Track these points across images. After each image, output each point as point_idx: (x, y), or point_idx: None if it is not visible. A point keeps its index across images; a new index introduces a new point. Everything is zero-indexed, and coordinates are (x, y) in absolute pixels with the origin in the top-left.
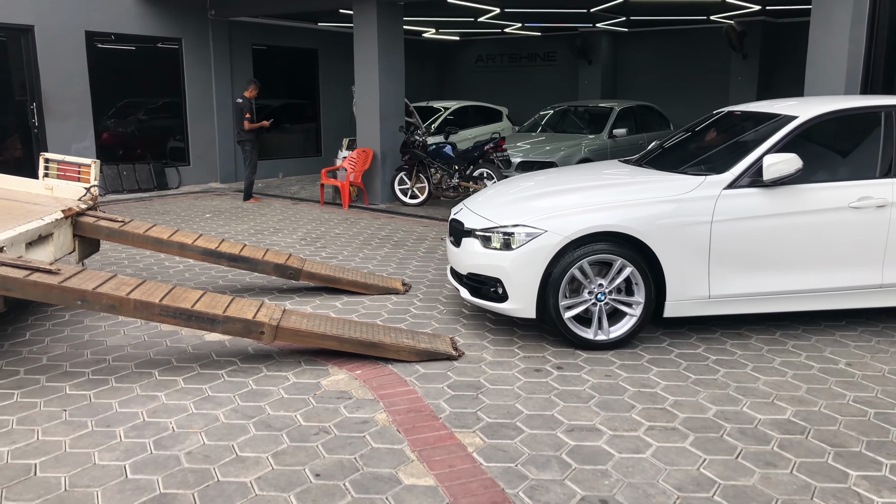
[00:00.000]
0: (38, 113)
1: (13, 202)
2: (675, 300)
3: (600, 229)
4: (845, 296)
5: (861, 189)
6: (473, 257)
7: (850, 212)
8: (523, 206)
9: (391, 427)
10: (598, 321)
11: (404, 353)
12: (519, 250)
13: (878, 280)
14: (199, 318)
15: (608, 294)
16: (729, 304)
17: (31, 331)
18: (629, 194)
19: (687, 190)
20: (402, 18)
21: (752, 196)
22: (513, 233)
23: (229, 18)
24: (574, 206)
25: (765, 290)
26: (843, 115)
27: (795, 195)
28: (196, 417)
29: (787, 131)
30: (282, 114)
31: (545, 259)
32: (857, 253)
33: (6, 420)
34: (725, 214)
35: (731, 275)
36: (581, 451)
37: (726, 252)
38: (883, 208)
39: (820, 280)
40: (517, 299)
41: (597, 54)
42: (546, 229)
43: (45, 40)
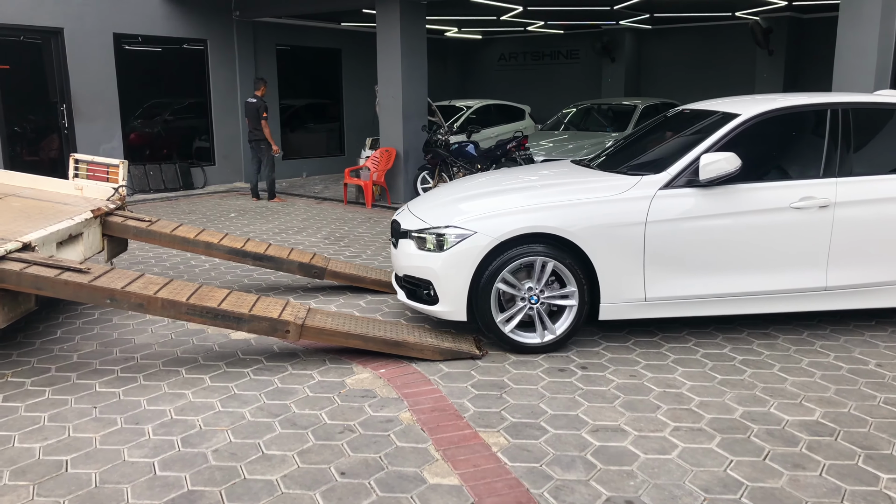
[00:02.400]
0: (67, 114)
1: (45, 202)
2: (610, 302)
3: (530, 230)
4: (789, 299)
5: (803, 189)
6: (409, 259)
7: (792, 212)
8: (457, 207)
9: (415, 426)
10: (542, 322)
11: (428, 352)
12: (448, 252)
13: (822, 283)
14: (226, 316)
15: (541, 294)
16: (667, 307)
17: (61, 329)
18: (562, 195)
19: (621, 191)
20: (424, 18)
21: (688, 196)
22: (444, 234)
23: (254, 19)
24: (506, 207)
25: (704, 292)
26: (788, 114)
27: (734, 195)
28: (223, 415)
29: (727, 130)
30: (305, 113)
31: (474, 261)
32: (799, 255)
33: (38, 417)
34: (660, 215)
35: (668, 277)
36: (606, 451)
37: (662, 254)
38: (826, 209)
39: (762, 283)
40: (447, 302)
41: (620, 52)
42: (475, 230)
43: (75, 43)
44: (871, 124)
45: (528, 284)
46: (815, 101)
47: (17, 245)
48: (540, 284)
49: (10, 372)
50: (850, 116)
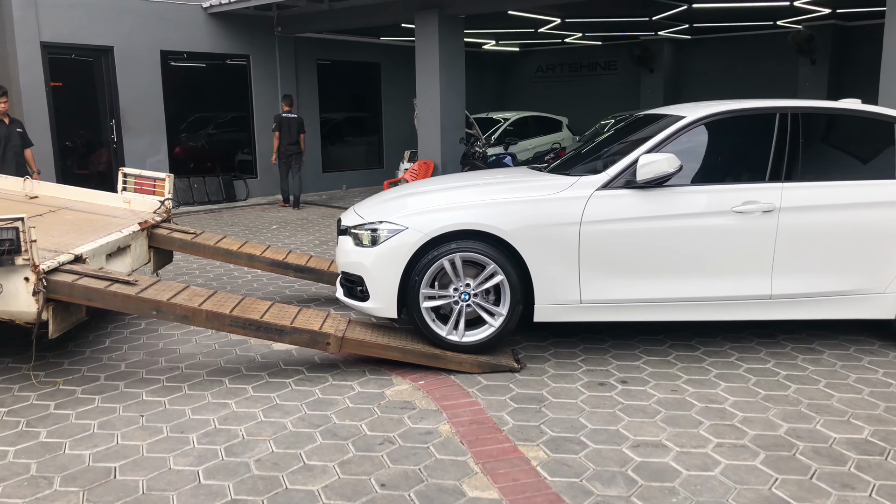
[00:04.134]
0: (116, 129)
1: (95, 215)
2: (544, 304)
3: (461, 227)
4: (732, 306)
5: (746, 193)
6: (345, 255)
7: (734, 216)
8: (394, 203)
9: (454, 438)
10: (456, 322)
11: (466, 364)
12: (380, 247)
13: (766, 290)
14: (268, 328)
15: (473, 296)
16: (604, 311)
17: (110, 338)
18: (500, 194)
19: (558, 190)
20: (462, 31)
21: (625, 197)
22: (377, 229)
23: (295, 35)
24: (441, 203)
25: (643, 296)
26: (735, 117)
27: (673, 197)
28: (265, 425)
29: (671, 132)
30: (345, 127)
31: (405, 256)
32: (742, 261)
33: (88, 424)
34: (596, 216)
35: (605, 280)
36: (647, 467)
37: (597, 255)
38: (770, 213)
39: (703, 289)
40: (377, 298)
41: (659, 62)
42: (407, 226)
43: (124, 60)
44: (822, 131)
45: (467, 280)
46: (764, 106)
47: (69, 257)
48: (479, 288)
49: (61, 380)
50: (800, 122)
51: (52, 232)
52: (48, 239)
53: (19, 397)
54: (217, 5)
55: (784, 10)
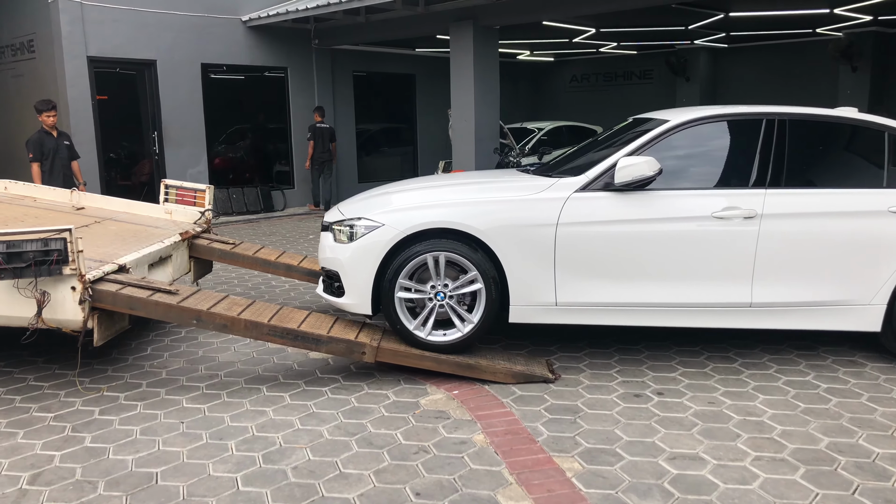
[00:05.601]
0: (158, 141)
1: (138, 226)
2: (520, 305)
3: (435, 225)
4: (712, 313)
5: (727, 198)
6: (325, 251)
7: (714, 222)
8: (375, 201)
9: (489, 448)
10: (426, 319)
11: (500, 374)
12: (356, 243)
13: (746, 298)
14: (305, 338)
15: (448, 297)
16: (579, 314)
17: (152, 346)
18: (478, 193)
19: (535, 191)
20: (497, 42)
21: (603, 200)
22: (354, 226)
23: (332, 47)
24: (420, 202)
25: (619, 300)
26: (720, 122)
27: (653, 201)
28: (302, 433)
29: (653, 136)
30: (380, 137)
31: (380, 253)
32: (722, 267)
33: (131, 430)
34: (572, 218)
35: (581, 282)
36: (684, 480)
37: (574, 258)
38: (751, 220)
39: (681, 294)
40: (352, 294)
41: (695, 71)
42: (384, 223)
43: (166, 73)
44: (810, 138)
45: (445, 281)
46: (750, 112)
47: (113, 267)
48: (456, 291)
49: (105, 386)
50: (786, 129)
51: (97, 242)
52: (94, 249)
53: (65, 402)
54: (256, 19)
55: (824, 17)
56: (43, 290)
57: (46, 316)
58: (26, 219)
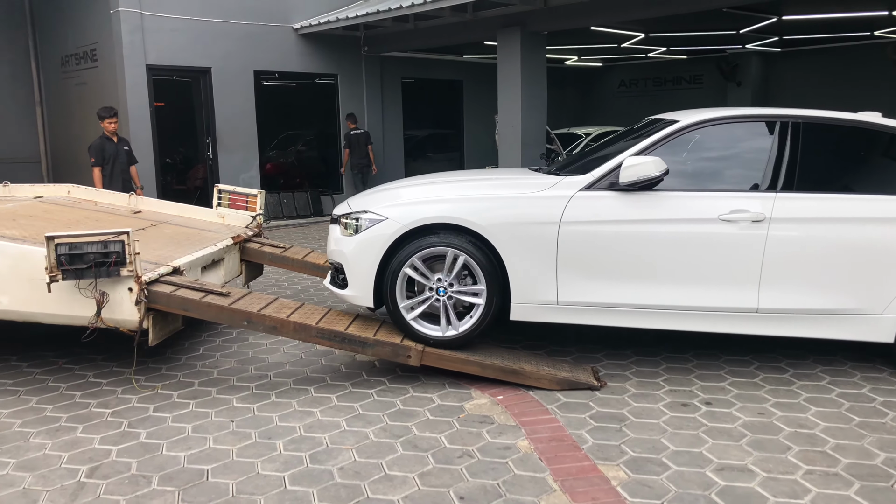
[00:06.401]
0: (212, 146)
1: (191, 229)
2: (521, 302)
3: (439, 220)
4: (717, 318)
5: (735, 201)
6: (331, 243)
7: (721, 224)
8: (383, 194)
9: (533, 455)
10: (447, 316)
11: (545, 381)
12: (359, 236)
13: (753, 304)
14: (352, 340)
15: (450, 287)
16: (581, 314)
17: (204, 346)
18: (484, 190)
19: (540, 189)
20: (545, 48)
21: (608, 199)
22: (359, 219)
23: (381, 54)
24: (426, 196)
25: (621, 301)
26: (732, 124)
27: (658, 201)
28: (348, 434)
29: (661, 136)
30: (427, 143)
31: (382, 246)
32: (728, 271)
33: (183, 427)
34: (576, 217)
35: (583, 282)
36: (732, 492)
37: (576, 257)
38: (759, 223)
39: (686, 297)
40: (355, 286)
41: (746, 76)
42: (387, 217)
43: (220, 80)
44: (826, 142)
45: (437, 276)
46: (764, 114)
47: (168, 269)
48: (450, 277)
49: (159, 385)
50: (800, 131)
51: (153, 245)
52: (150, 251)
53: (122, 399)
54: (307, 26)
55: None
56: (102, 290)
57: (105, 315)
58: (87, 222)
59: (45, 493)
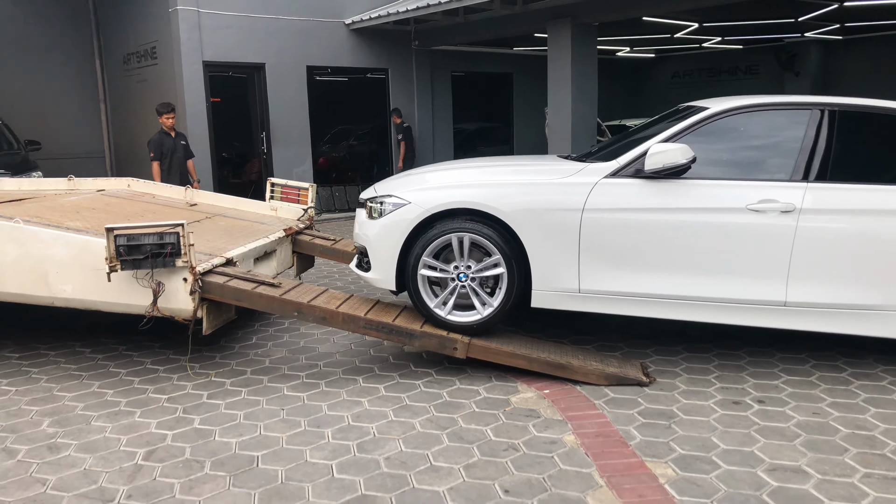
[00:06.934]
0: (266, 141)
1: (245, 222)
2: (542, 289)
3: (461, 205)
4: (742, 310)
5: (764, 191)
6: (357, 226)
7: (749, 214)
8: (409, 179)
9: (579, 450)
10: (446, 299)
11: (592, 376)
12: (383, 220)
13: (781, 297)
14: (399, 332)
15: (470, 277)
16: (603, 302)
17: (257, 335)
18: (507, 175)
19: (563, 175)
20: (596, 39)
21: (633, 187)
22: (383, 202)
23: (431, 48)
24: (450, 181)
25: (644, 291)
26: (763, 111)
27: (684, 190)
28: (395, 425)
29: (690, 123)
30: (477, 137)
31: (405, 231)
32: (755, 263)
33: (235, 414)
34: (600, 204)
35: (605, 270)
36: (785, 493)
37: (599, 245)
38: (789, 214)
39: (711, 289)
40: (378, 269)
41: (805, 65)
42: (410, 201)
43: (274, 76)
44: (864, 131)
45: (454, 265)
46: (798, 101)
47: (221, 260)
48: (464, 260)
49: (213, 372)
50: (836, 119)
51: (207, 237)
52: (204, 243)
53: (178, 386)
54: (358, 21)
55: None
56: (158, 280)
57: (161, 305)
58: (146, 214)
59: (104, 475)
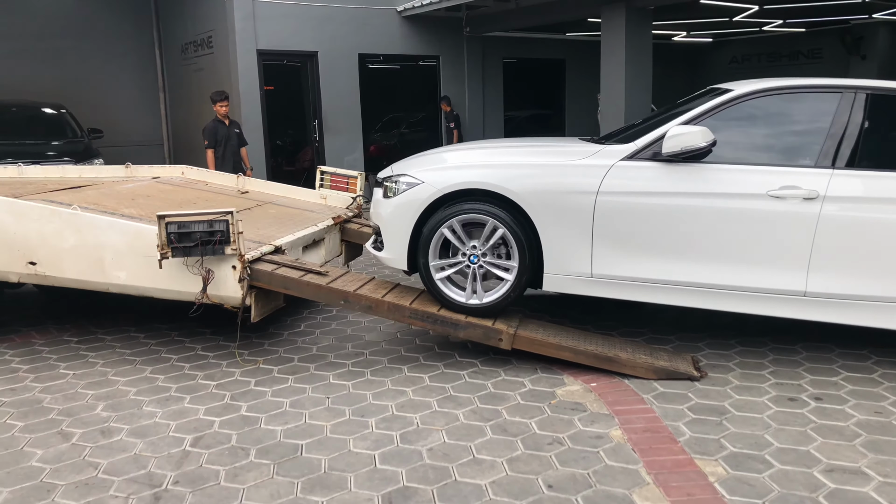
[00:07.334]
0: (319, 129)
1: (294, 210)
2: (554, 273)
3: (474, 186)
4: (759, 299)
5: (786, 177)
6: (373, 206)
7: (770, 201)
8: (425, 158)
9: (626, 445)
10: (473, 285)
11: (641, 369)
12: (396, 199)
13: (801, 286)
14: (444, 322)
15: (482, 256)
16: (616, 288)
17: (305, 323)
18: (524, 157)
19: (579, 157)
20: (651, 23)
21: (649, 170)
22: (397, 181)
23: (482, 34)
24: (464, 161)
25: (658, 278)
26: (790, 94)
27: (703, 174)
28: (438, 415)
29: (712, 105)
30: (528, 124)
31: (417, 210)
32: (774, 251)
33: (281, 402)
34: (615, 187)
35: (619, 255)
36: (843, 495)
37: (613, 229)
38: (812, 201)
39: (727, 276)
40: (390, 248)
41: (872, 48)
42: (423, 180)
43: (327, 64)
44: (893, 115)
45: (473, 243)
46: (827, 84)
47: (270, 248)
48: (485, 247)
49: (261, 359)
50: (867, 104)
51: (257, 224)
52: (254, 231)
53: (226, 372)
54: (410, 8)
55: None
56: (208, 268)
57: (210, 292)
58: (198, 201)
59: (153, 460)
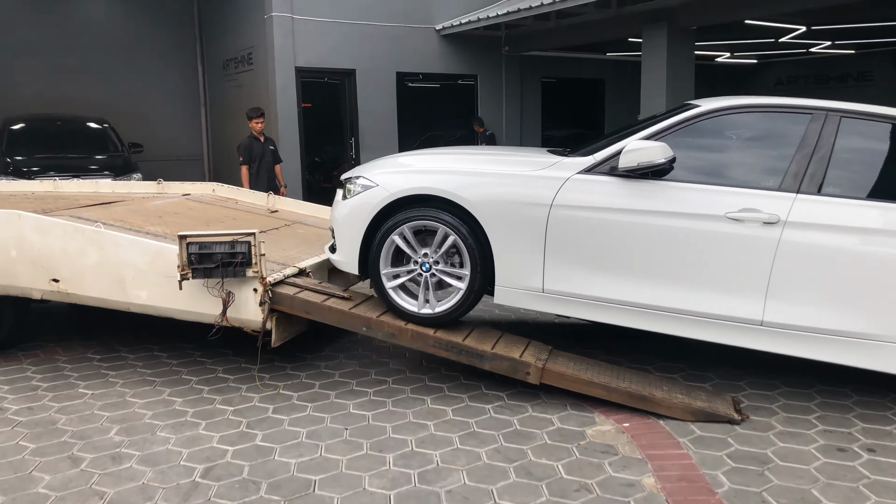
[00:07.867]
0: (355, 146)
1: (324, 230)
2: (505, 286)
3: (427, 192)
4: (714, 326)
5: (747, 199)
6: (333, 206)
7: (727, 223)
8: (383, 161)
9: (659, 495)
10: (426, 294)
11: (677, 410)
12: (350, 201)
13: (758, 315)
14: (469, 352)
15: (435, 264)
16: (567, 305)
17: (330, 346)
18: (480, 165)
19: (536, 168)
20: (693, 44)
21: (605, 185)
22: (354, 183)
23: (521, 54)
24: (421, 166)
25: (610, 296)
26: (758, 113)
27: (659, 191)
28: (460, 453)
29: (675, 121)
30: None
31: (370, 213)
32: (731, 276)
33: (298, 432)
34: (569, 201)
35: (571, 271)
36: None
37: (565, 244)
38: (772, 226)
39: (681, 300)
40: (343, 251)
41: None
42: (378, 183)
43: (364, 82)
44: (865, 139)
45: (425, 251)
46: (798, 105)
47: (293, 270)
48: (437, 255)
49: (282, 384)
50: (838, 127)
51: (282, 245)
52: (278, 252)
53: (245, 398)
54: (449, 27)
55: None
56: (228, 290)
57: (230, 315)
58: (226, 220)
59: (161, 491)
